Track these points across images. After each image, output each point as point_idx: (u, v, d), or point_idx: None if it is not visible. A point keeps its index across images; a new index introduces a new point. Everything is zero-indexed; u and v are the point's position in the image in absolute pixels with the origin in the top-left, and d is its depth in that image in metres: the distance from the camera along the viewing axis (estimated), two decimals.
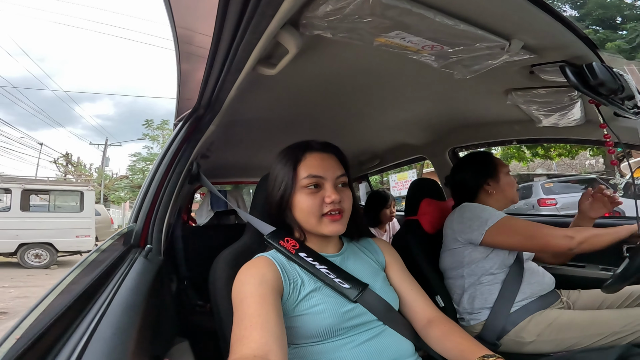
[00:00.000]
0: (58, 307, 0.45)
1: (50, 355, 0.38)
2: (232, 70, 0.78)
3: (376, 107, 1.38)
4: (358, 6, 0.55)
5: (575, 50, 0.78)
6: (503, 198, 1.31)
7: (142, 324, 0.55)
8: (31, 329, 0.38)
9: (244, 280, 0.69)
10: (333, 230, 0.76)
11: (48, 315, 0.42)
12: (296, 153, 0.80)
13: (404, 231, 1.64)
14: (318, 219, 0.76)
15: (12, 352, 0.34)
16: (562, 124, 1.22)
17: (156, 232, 0.89)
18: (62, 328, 0.43)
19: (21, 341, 0.36)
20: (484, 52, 0.71)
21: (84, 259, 0.61)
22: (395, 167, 2.59)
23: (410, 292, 0.85)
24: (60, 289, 0.48)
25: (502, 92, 1.12)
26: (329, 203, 0.75)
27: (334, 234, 0.77)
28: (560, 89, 1.00)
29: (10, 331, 0.37)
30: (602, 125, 0.95)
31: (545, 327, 1.08)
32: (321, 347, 0.70)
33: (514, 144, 2.05)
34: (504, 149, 10.12)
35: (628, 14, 6.87)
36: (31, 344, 0.37)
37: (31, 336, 0.37)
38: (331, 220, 0.76)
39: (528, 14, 0.63)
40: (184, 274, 2.13)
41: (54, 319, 0.42)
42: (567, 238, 1.05)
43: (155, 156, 14.64)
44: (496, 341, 1.12)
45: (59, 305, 0.45)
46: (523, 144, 8.31)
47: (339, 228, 0.77)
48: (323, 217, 0.76)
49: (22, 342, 0.36)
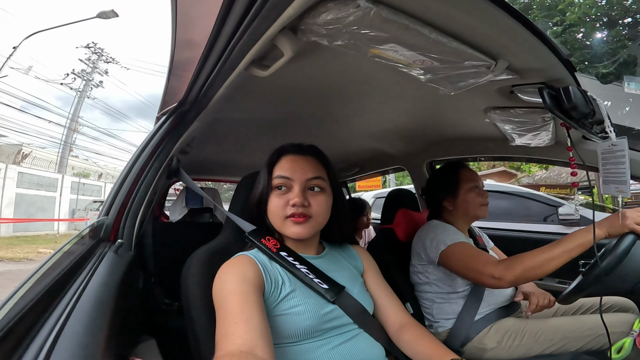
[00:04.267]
0: (25, 302, 0.42)
1: (17, 352, 0.36)
2: (225, 69, 0.76)
3: (359, 115, 1.40)
4: (359, 17, 0.56)
5: (554, 73, 0.81)
6: (463, 215, 1.32)
7: (112, 321, 0.53)
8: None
9: (226, 278, 0.69)
10: (294, 233, 0.77)
11: (15, 310, 0.39)
12: (274, 155, 0.83)
13: (379, 239, 1.67)
14: (282, 220, 0.77)
15: None
16: (533, 144, 1.28)
17: (128, 226, 0.85)
18: (29, 323, 0.41)
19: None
20: (470, 70, 0.73)
21: (53, 254, 0.57)
22: (374, 175, 2.63)
23: (385, 297, 0.88)
24: (30, 284, 0.45)
25: (482, 109, 1.17)
26: (292, 205, 0.76)
27: (296, 237, 0.77)
28: (536, 110, 1.04)
29: None
30: (569, 148, 1.00)
31: (502, 334, 1.14)
32: (297, 348, 0.70)
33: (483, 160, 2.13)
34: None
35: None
36: None
37: None
38: (294, 222, 0.76)
39: (516, 35, 0.65)
40: (151, 271, 2.05)
41: (21, 313, 0.40)
42: (495, 279, 1.03)
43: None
44: (460, 348, 1.17)
45: (26, 300, 0.43)
46: (495, 161, 8.68)
47: (301, 231, 0.76)
48: (286, 219, 0.77)
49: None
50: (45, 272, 0.52)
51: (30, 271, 0.48)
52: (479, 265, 1.08)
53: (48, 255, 0.61)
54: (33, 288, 0.46)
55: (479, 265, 1.08)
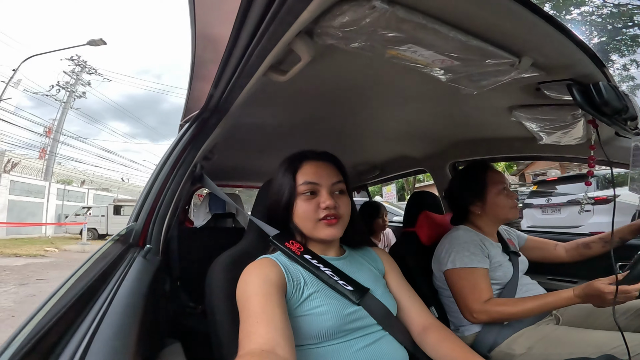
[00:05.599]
0: (60, 306, 0.44)
1: (52, 356, 0.38)
2: (244, 75, 0.78)
3: (379, 118, 1.39)
4: (375, 19, 0.55)
5: (582, 69, 0.78)
6: (493, 219, 1.28)
7: (141, 324, 0.55)
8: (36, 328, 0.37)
9: (249, 280, 0.70)
10: (329, 234, 0.79)
11: (50, 315, 0.41)
12: (294, 162, 0.85)
13: (401, 242, 1.64)
14: (314, 224, 0.79)
15: (18, 352, 0.33)
16: (564, 142, 1.23)
17: (156, 232, 0.88)
18: (64, 327, 0.43)
19: (25, 341, 0.35)
20: (493, 69, 0.71)
21: (87, 259, 0.60)
22: (394, 178, 2.60)
23: (408, 299, 0.87)
24: (66, 288, 0.47)
25: (506, 108, 1.13)
26: (324, 208, 0.78)
27: (330, 238, 0.80)
28: (564, 107, 1.00)
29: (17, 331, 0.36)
30: (591, 147, 0.98)
31: (536, 341, 1.09)
32: (321, 350, 0.70)
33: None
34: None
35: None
36: (34, 343, 0.36)
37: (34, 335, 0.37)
38: (327, 224, 0.79)
39: (540, 31, 0.64)
40: (177, 275, 2.10)
41: (57, 317, 0.42)
42: (470, 315, 1.14)
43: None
44: (487, 353, 1.13)
45: (61, 304, 0.44)
46: (523, 161, 8.42)
47: (335, 232, 0.79)
48: (319, 221, 0.79)
49: (27, 342, 0.35)
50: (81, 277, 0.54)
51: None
52: (468, 297, 1.14)
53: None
54: (70, 291, 0.48)
55: (468, 298, 1.14)
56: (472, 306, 1.12)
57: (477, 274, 1.16)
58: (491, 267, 1.20)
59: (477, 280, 1.15)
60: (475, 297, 1.13)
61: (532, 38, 0.67)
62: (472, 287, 1.15)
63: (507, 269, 1.21)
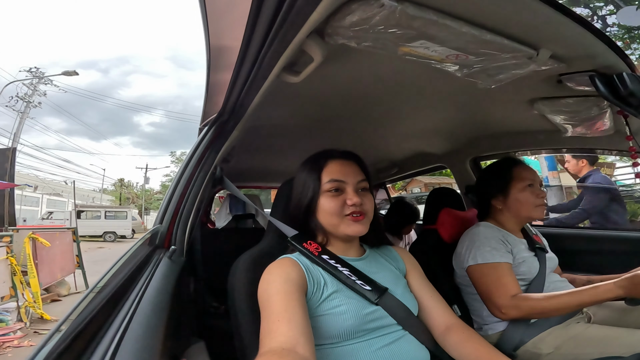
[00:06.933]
0: (93, 306, 0.46)
1: (86, 354, 0.40)
2: (258, 78, 0.80)
3: (396, 115, 1.38)
4: (384, 17, 0.55)
5: (604, 60, 0.76)
6: (515, 215, 1.23)
7: (167, 324, 0.57)
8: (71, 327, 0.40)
9: (270, 279, 0.71)
10: (355, 230, 0.79)
11: (85, 314, 0.43)
12: (319, 161, 0.85)
13: (422, 240, 1.62)
14: (340, 219, 0.80)
15: (54, 350, 0.35)
16: (590, 134, 1.18)
17: (180, 233, 0.91)
18: (97, 326, 0.45)
19: (62, 339, 0.37)
20: (510, 62, 0.70)
21: (117, 260, 0.62)
22: (413, 175, 2.56)
23: (430, 298, 0.86)
24: (98, 288, 0.49)
25: (527, 101, 1.10)
26: (351, 205, 0.79)
27: (356, 234, 0.80)
28: (589, 98, 0.97)
29: (54, 329, 0.38)
30: (628, 137, 0.93)
31: (565, 340, 1.05)
32: (340, 350, 0.70)
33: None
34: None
35: None
36: (70, 341, 0.38)
37: (70, 333, 0.39)
38: (353, 220, 0.79)
39: (557, 23, 0.62)
40: (201, 275, 2.16)
41: (90, 317, 0.44)
42: (499, 312, 1.08)
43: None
44: (512, 352, 1.09)
45: (94, 304, 0.47)
46: (549, 153, 8.10)
47: (361, 228, 0.79)
48: (345, 217, 0.79)
49: (62, 340, 0.37)
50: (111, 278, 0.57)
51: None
52: (494, 293, 1.09)
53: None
54: (102, 291, 0.51)
55: (494, 294, 1.09)
56: (499, 302, 1.07)
57: (501, 269, 1.12)
58: (515, 262, 1.16)
59: (501, 275, 1.11)
60: (501, 292, 1.08)
61: (549, 30, 0.65)
62: (497, 282, 1.11)
63: (532, 265, 1.17)
